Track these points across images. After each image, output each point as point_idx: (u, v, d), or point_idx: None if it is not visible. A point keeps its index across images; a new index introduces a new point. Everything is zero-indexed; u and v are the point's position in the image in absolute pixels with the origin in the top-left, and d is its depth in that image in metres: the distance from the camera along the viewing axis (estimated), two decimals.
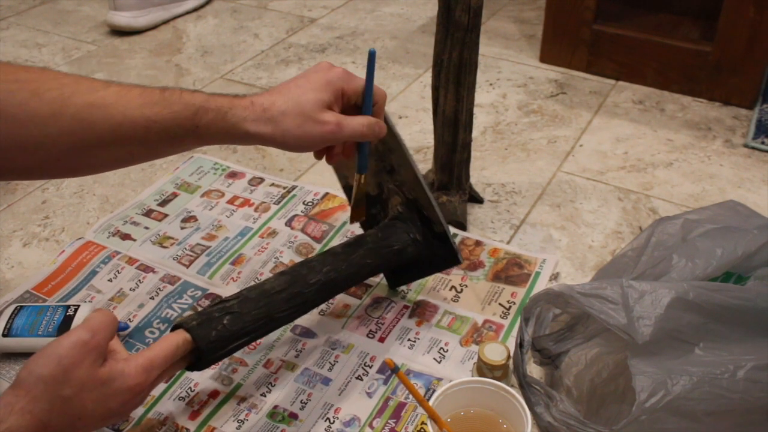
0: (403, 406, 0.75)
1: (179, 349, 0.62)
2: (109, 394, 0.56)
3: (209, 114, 0.63)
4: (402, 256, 0.80)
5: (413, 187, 0.81)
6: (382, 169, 0.83)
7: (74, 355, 0.55)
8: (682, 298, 0.64)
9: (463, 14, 0.86)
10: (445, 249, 0.80)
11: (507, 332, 0.83)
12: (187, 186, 1.09)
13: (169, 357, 0.61)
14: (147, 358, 0.59)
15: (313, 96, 0.65)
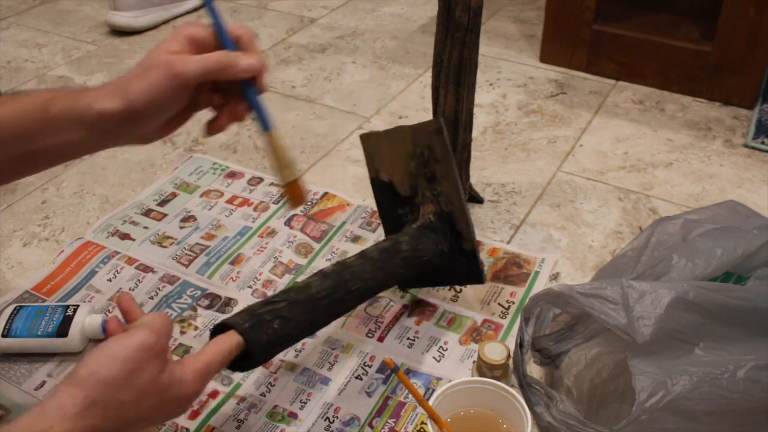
0: (403, 406, 0.75)
1: (232, 353, 0.61)
2: (166, 401, 0.55)
3: (60, 101, 0.58)
4: (427, 266, 0.81)
5: (452, 201, 0.81)
6: (422, 175, 0.83)
7: (140, 358, 0.53)
8: (682, 298, 0.64)
9: (463, 14, 0.86)
10: (470, 267, 0.81)
11: (506, 332, 0.83)
12: (187, 186, 1.09)
13: (224, 361, 0.60)
14: (204, 363, 0.58)
15: (157, 50, 0.59)
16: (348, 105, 1.31)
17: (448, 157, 0.80)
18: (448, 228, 0.81)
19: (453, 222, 0.81)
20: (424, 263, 0.80)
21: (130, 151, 1.19)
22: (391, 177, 0.86)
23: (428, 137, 0.81)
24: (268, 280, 0.91)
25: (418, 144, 0.82)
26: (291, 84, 1.38)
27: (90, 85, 0.64)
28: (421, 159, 0.82)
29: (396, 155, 0.85)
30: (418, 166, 0.82)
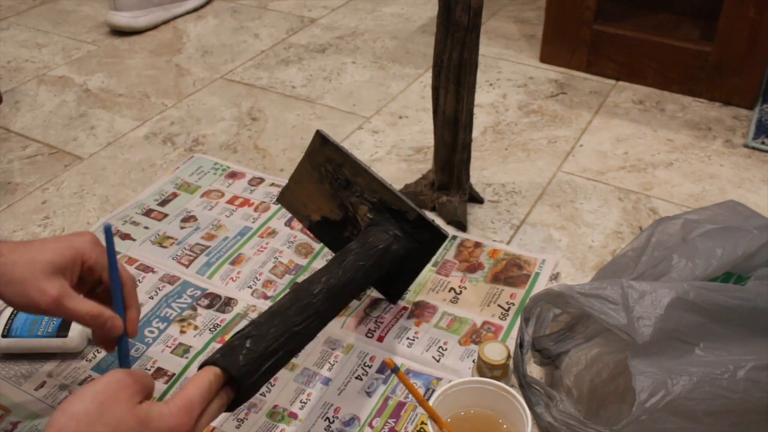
0: (403, 406, 0.75)
1: (213, 384, 0.58)
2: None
3: None
4: (390, 254, 0.79)
5: (374, 189, 0.81)
6: (339, 187, 0.83)
7: (110, 390, 0.52)
8: (682, 298, 0.64)
9: (463, 14, 0.86)
10: (427, 231, 0.80)
11: (506, 333, 0.83)
12: (187, 186, 1.09)
13: (205, 394, 0.57)
14: (183, 398, 0.55)
15: (48, 257, 0.63)
16: (348, 105, 1.31)
17: (346, 156, 0.81)
18: (388, 214, 0.81)
19: (388, 206, 0.81)
20: (384, 251, 0.79)
21: (130, 151, 1.19)
22: (320, 212, 0.87)
23: (321, 153, 0.83)
24: (268, 280, 0.91)
25: (318, 166, 0.84)
26: (291, 84, 1.38)
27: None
28: (329, 176, 0.84)
29: (310, 191, 0.87)
30: (331, 183, 0.83)
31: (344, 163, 0.82)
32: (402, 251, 0.80)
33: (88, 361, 0.80)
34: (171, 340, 0.83)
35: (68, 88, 1.39)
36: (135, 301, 0.68)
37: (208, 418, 0.58)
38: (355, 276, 0.76)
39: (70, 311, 0.63)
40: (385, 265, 0.80)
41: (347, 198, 0.83)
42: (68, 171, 1.15)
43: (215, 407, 0.58)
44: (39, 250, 0.64)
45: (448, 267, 0.93)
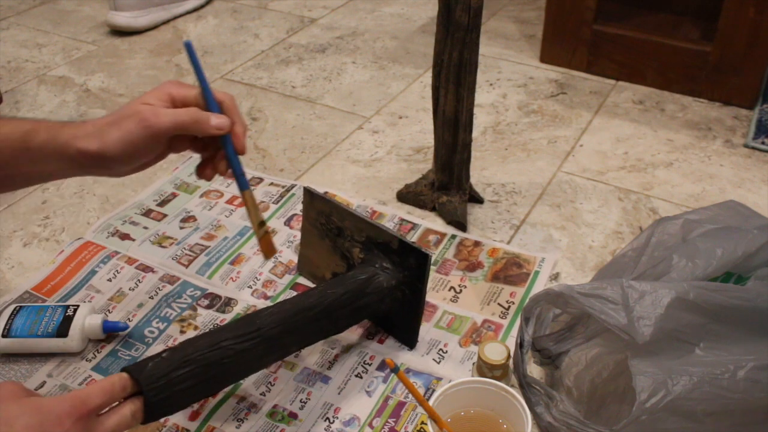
0: (403, 405, 0.75)
1: (116, 385, 0.58)
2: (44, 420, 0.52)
3: (41, 134, 0.61)
4: (373, 284, 0.76)
5: (360, 227, 0.81)
6: (334, 237, 0.83)
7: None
8: (682, 298, 0.64)
9: (463, 14, 0.86)
10: (411, 255, 0.77)
11: (506, 332, 0.83)
12: (186, 186, 1.09)
13: (105, 390, 0.57)
14: (79, 390, 0.56)
15: (136, 101, 0.63)
16: (348, 105, 1.31)
17: (331, 204, 0.81)
18: (376, 249, 0.79)
19: (374, 241, 0.79)
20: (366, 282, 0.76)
21: None
22: (330, 269, 0.86)
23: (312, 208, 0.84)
24: (268, 280, 0.91)
25: (314, 222, 0.85)
26: (291, 84, 1.38)
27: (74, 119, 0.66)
28: (324, 229, 0.84)
29: (317, 250, 0.87)
30: (329, 235, 0.83)
31: (332, 211, 0.82)
32: (392, 282, 0.77)
33: (88, 361, 0.80)
34: (171, 340, 0.83)
35: (68, 88, 1.38)
36: (238, 116, 0.66)
37: (120, 419, 0.58)
38: (320, 302, 0.73)
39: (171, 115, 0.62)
40: (370, 297, 0.76)
41: (343, 245, 0.83)
42: None
43: (129, 412, 0.58)
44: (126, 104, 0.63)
45: (448, 266, 0.93)
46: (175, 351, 0.64)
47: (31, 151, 0.61)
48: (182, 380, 0.63)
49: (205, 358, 0.64)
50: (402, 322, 0.81)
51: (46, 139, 0.61)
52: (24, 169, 0.63)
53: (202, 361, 0.64)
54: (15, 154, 0.61)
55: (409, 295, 0.78)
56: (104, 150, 0.61)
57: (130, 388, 0.60)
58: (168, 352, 0.64)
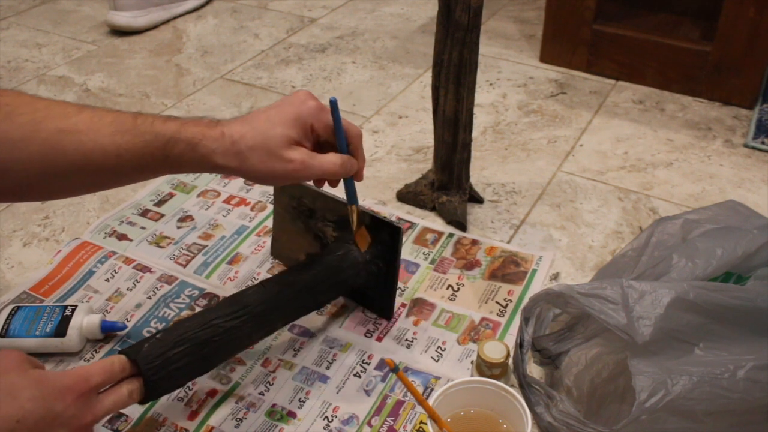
0: (401, 404, 0.75)
1: (115, 365, 0.60)
2: (47, 393, 0.53)
3: (180, 145, 0.63)
4: (349, 260, 0.79)
5: (331, 207, 0.82)
6: (306, 219, 0.84)
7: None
8: (682, 298, 0.64)
9: (463, 14, 0.86)
10: (384, 229, 0.79)
11: (504, 330, 0.83)
12: (183, 186, 1.09)
13: (105, 369, 0.59)
14: (80, 367, 0.58)
15: (281, 131, 0.65)
16: (348, 105, 1.31)
17: (302, 187, 0.82)
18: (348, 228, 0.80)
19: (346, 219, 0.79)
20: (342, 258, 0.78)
21: None
22: (303, 251, 0.86)
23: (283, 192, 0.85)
24: (266, 279, 0.91)
25: (286, 206, 0.86)
26: (291, 84, 1.38)
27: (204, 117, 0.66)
28: (296, 212, 0.85)
29: (290, 234, 0.88)
30: (301, 218, 0.84)
31: (303, 194, 0.83)
32: (366, 256, 0.80)
33: (86, 361, 0.80)
34: None
35: (68, 87, 1.38)
36: (361, 152, 0.72)
37: (117, 398, 0.60)
38: (299, 278, 0.76)
39: (318, 167, 0.67)
40: (347, 272, 0.79)
41: (315, 226, 0.84)
42: None
43: (126, 391, 0.61)
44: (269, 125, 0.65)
45: (446, 264, 0.93)
46: (168, 332, 0.66)
47: (170, 159, 0.63)
48: (178, 359, 0.65)
49: (197, 337, 0.67)
50: (378, 295, 0.84)
51: (184, 150, 0.63)
52: (161, 172, 0.66)
53: (195, 340, 0.67)
54: (155, 160, 0.63)
55: (384, 268, 0.81)
56: (244, 173, 0.65)
57: (129, 368, 0.62)
58: (162, 333, 0.66)
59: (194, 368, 0.67)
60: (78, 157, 0.61)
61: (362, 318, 0.85)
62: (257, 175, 0.65)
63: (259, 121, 0.66)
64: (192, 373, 0.68)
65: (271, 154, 0.64)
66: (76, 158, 0.61)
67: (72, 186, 0.65)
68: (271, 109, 0.67)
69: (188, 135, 0.63)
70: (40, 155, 0.60)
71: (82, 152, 0.61)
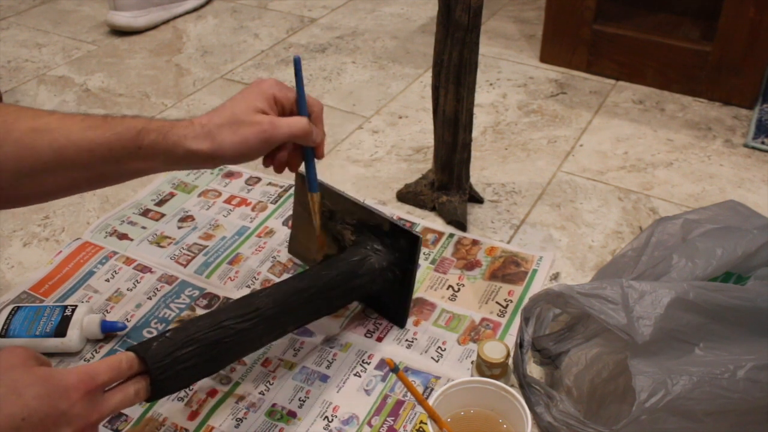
0: (402, 404, 0.75)
1: (122, 363, 0.59)
2: (52, 391, 0.52)
3: (151, 134, 0.64)
4: (366, 266, 0.78)
5: (352, 210, 0.81)
6: (326, 220, 0.84)
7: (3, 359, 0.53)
8: (682, 298, 0.64)
9: (463, 14, 0.86)
10: (402, 237, 0.79)
11: (504, 330, 0.83)
12: (184, 186, 1.09)
13: (112, 366, 0.58)
14: (87, 364, 0.57)
15: (245, 104, 0.67)
16: (348, 105, 1.31)
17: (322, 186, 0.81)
18: (368, 232, 0.80)
19: (366, 224, 0.80)
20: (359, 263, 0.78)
21: None
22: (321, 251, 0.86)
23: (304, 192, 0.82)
24: (266, 279, 0.91)
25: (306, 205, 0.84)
26: (291, 84, 1.38)
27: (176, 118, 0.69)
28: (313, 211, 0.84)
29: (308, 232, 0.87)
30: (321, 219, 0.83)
31: (324, 195, 0.83)
32: (383, 263, 0.79)
33: (87, 361, 0.80)
34: None
35: (68, 87, 1.38)
36: (322, 125, 0.72)
37: (123, 397, 0.59)
38: (315, 284, 0.75)
39: (286, 126, 0.67)
40: (363, 278, 0.78)
41: (334, 228, 0.84)
42: None
43: (132, 390, 0.59)
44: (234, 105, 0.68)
45: (446, 264, 0.93)
46: (178, 331, 0.66)
47: (142, 150, 0.64)
48: (186, 359, 0.64)
49: (207, 337, 0.66)
50: (393, 302, 0.83)
51: (156, 138, 0.64)
52: (134, 166, 0.65)
53: (205, 341, 0.66)
54: (128, 152, 0.64)
55: (400, 275, 0.81)
56: (217, 151, 0.65)
57: (136, 366, 0.61)
58: (171, 332, 0.65)
59: (202, 369, 0.67)
60: (51, 155, 0.61)
61: (362, 318, 0.85)
62: (230, 149, 0.65)
63: (224, 106, 0.68)
64: (199, 374, 0.67)
65: (240, 123, 0.66)
66: (49, 156, 0.61)
67: (47, 188, 0.65)
68: (235, 96, 0.70)
69: (158, 125, 0.65)
70: (14, 155, 0.61)
71: (54, 149, 0.61)
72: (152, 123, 0.65)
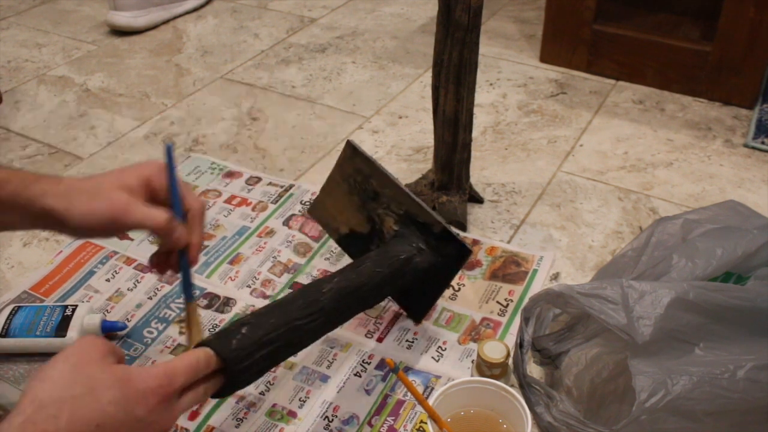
0: (402, 404, 0.75)
1: (201, 362, 0.56)
2: (130, 396, 0.49)
3: (12, 184, 0.61)
4: (411, 265, 0.78)
5: (401, 200, 0.80)
6: (367, 199, 0.83)
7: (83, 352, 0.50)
8: (682, 298, 0.64)
9: (463, 14, 0.86)
10: (452, 245, 0.78)
11: (504, 330, 0.83)
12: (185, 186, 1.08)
13: (192, 366, 0.55)
14: (167, 364, 0.53)
15: (115, 178, 0.63)
16: (348, 105, 1.31)
17: (374, 167, 0.80)
18: (414, 227, 0.80)
19: (414, 218, 0.80)
20: (405, 262, 0.78)
21: (129, 151, 1.19)
22: (348, 225, 0.86)
23: (351, 163, 0.82)
24: (266, 279, 0.91)
25: (348, 177, 0.83)
26: (291, 84, 1.38)
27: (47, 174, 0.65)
28: (357, 187, 0.83)
29: (339, 202, 0.86)
30: (360, 194, 0.82)
31: (372, 174, 0.82)
32: (425, 264, 0.79)
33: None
34: (170, 340, 0.83)
35: (68, 87, 1.38)
36: (199, 228, 0.67)
37: (194, 397, 0.55)
38: (370, 281, 0.75)
39: (142, 214, 0.62)
40: (406, 277, 0.78)
41: (374, 210, 0.83)
42: (68, 171, 1.15)
43: (202, 389, 0.56)
44: (105, 175, 0.64)
45: None
46: (253, 328, 0.62)
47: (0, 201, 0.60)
48: (262, 360, 0.62)
49: (281, 338, 0.64)
50: (419, 299, 0.83)
51: (16, 190, 0.61)
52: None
53: (278, 342, 0.64)
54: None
55: (436, 279, 0.80)
56: (67, 216, 0.61)
57: (213, 364, 0.57)
58: (247, 327, 0.62)
59: (266, 368, 0.64)
60: None
61: (363, 318, 0.85)
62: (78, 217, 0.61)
63: (100, 174, 0.65)
64: (263, 372, 0.65)
65: (98, 194, 0.62)
66: None
67: None
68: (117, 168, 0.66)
69: (23, 176, 0.61)
70: None
71: None
72: (18, 173, 0.61)
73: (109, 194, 0.62)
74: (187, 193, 0.66)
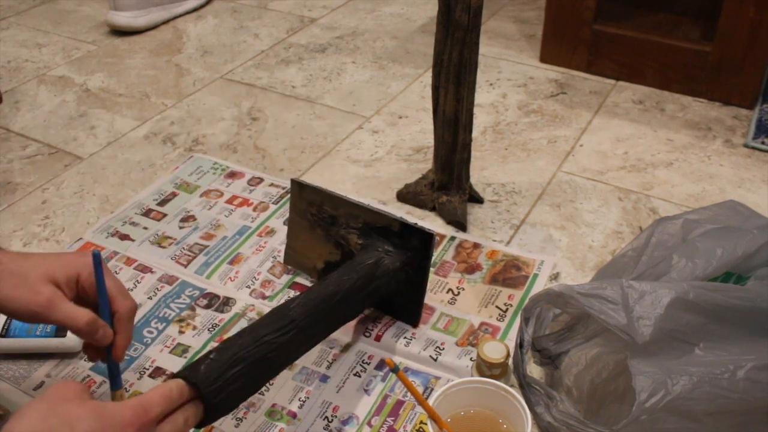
0: (402, 404, 0.75)
1: (174, 392, 0.57)
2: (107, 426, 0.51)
3: None
4: (380, 268, 0.78)
5: (356, 214, 0.81)
6: (327, 226, 0.83)
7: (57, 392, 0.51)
8: (682, 298, 0.64)
9: (463, 14, 0.86)
10: (414, 236, 0.78)
11: (503, 335, 0.83)
12: (187, 186, 1.09)
13: (165, 396, 0.56)
14: (140, 397, 0.55)
15: (46, 268, 0.63)
16: (348, 105, 1.31)
17: (323, 193, 0.81)
18: (375, 234, 0.80)
19: (372, 226, 0.80)
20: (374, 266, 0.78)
21: (130, 151, 1.19)
22: (322, 258, 0.86)
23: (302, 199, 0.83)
24: (266, 279, 0.91)
25: (304, 213, 0.84)
26: (291, 84, 1.38)
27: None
28: (316, 219, 0.84)
29: (307, 241, 0.87)
30: (320, 225, 0.83)
31: (324, 201, 0.82)
32: (396, 264, 0.79)
33: (87, 361, 0.80)
34: (170, 340, 0.83)
35: (68, 88, 1.38)
36: (126, 329, 0.66)
37: (173, 426, 0.56)
38: (340, 289, 0.74)
39: (63, 313, 0.62)
40: (379, 280, 0.78)
41: (337, 234, 0.83)
42: (68, 171, 1.15)
43: (181, 418, 0.57)
44: (38, 261, 0.64)
45: (447, 268, 0.93)
46: (221, 351, 0.64)
47: None
48: (235, 379, 0.62)
49: (252, 355, 0.64)
50: (406, 302, 0.83)
51: None
52: None
53: (250, 358, 0.64)
54: None
55: (413, 274, 0.80)
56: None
57: (186, 393, 0.59)
58: (215, 353, 0.63)
59: (249, 388, 0.65)
60: None
61: (362, 318, 0.85)
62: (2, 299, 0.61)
63: (36, 256, 0.65)
64: (247, 393, 0.65)
65: (25, 282, 0.62)
66: None
67: None
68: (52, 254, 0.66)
69: None
70: None
71: None
72: None
73: (34, 285, 0.62)
74: (117, 295, 0.66)
